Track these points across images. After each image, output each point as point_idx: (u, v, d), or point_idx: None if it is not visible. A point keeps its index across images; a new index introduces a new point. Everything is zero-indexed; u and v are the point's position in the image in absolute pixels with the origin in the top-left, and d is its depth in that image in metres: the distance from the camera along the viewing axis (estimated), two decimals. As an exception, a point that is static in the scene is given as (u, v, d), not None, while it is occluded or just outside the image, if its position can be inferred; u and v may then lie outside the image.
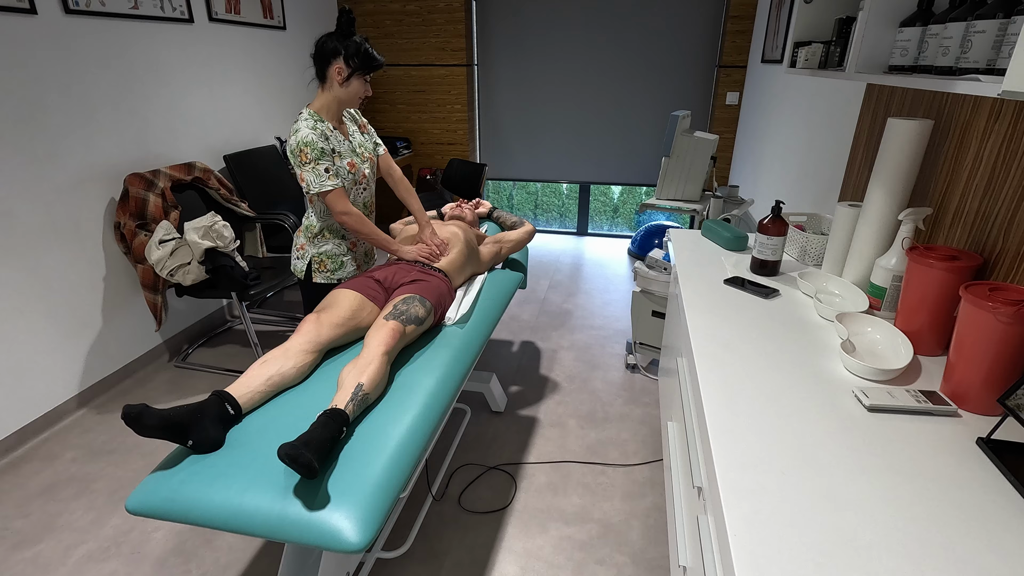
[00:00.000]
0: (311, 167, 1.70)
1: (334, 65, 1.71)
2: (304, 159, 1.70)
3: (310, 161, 1.70)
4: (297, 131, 1.70)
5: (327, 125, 1.77)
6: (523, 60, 4.18)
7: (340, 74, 1.71)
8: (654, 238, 4.04)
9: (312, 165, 1.70)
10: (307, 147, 1.69)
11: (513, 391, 2.49)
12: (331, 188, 1.73)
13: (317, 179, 1.72)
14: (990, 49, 0.94)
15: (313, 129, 1.71)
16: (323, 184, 1.72)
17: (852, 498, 0.79)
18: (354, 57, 1.70)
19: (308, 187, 1.72)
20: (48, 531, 1.75)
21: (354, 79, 1.74)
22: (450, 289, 1.83)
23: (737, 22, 3.69)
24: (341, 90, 1.74)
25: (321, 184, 1.72)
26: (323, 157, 1.72)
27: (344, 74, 1.72)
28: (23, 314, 2.11)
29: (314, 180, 1.71)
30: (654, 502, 1.86)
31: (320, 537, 1.05)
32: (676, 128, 2.74)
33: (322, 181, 1.72)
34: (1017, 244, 1.06)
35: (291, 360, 1.42)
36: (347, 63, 1.70)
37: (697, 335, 1.24)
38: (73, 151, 2.23)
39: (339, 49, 1.69)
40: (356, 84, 1.75)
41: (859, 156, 1.83)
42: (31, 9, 2.03)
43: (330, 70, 1.72)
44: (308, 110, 1.76)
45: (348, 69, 1.71)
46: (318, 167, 1.71)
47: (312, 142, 1.69)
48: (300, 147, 1.69)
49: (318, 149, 1.70)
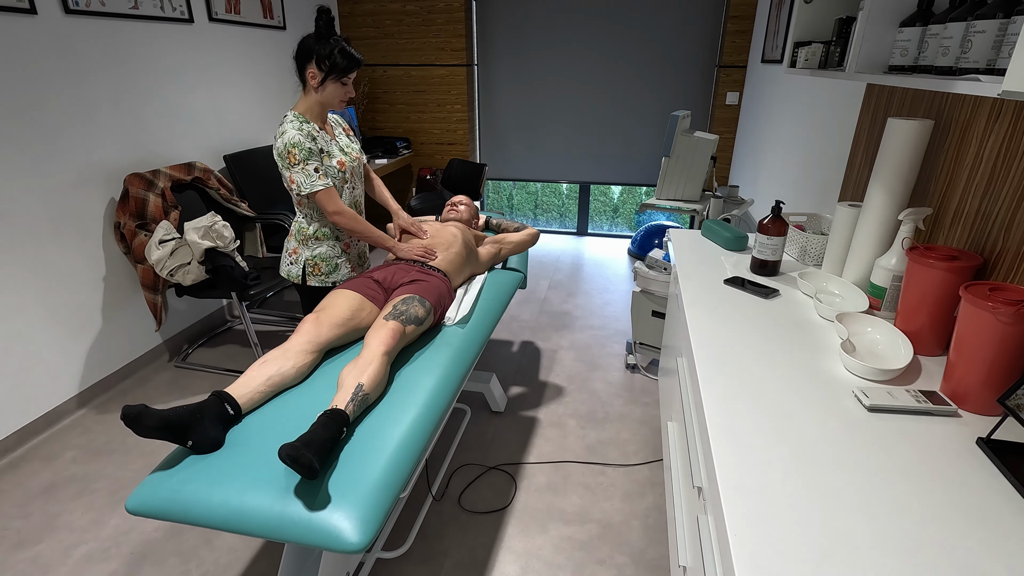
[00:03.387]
0: (300, 168, 1.69)
1: (308, 69, 1.69)
2: (293, 160, 1.68)
3: (299, 162, 1.69)
4: (283, 133, 1.68)
5: (312, 126, 1.74)
6: (523, 60, 4.18)
7: (314, 78, 1.69)
8: (654, 238, 4.04)
9: (301, 166, 1.69)
10: (295, 148, 1.67)
11: (513, 391, 2.49)
12: (322, 188, 1.72)
13: (307, 179, 1.70)
14: (990, 49, 0.94)
15: (299, 130, 1.69)
16: (314, 184, 1.71)
17: (852, 498, 0.79)
18: (326, 60, 1.66)
19: (299, 188, 1.71)
20: (48, 531, 1.75)
21: (329, 83, 1.71)
22: (449, 289, 1.83)
23: (737, 22, 3.69)
24: (318, 94, 1.72)
25: (312, 184, 1.71)
26: (312, 157, 1.70)
27: (318, 78, 1.69)
28: (23, 314, 2.11)
29: (304, 181, 1.70)
30: (654, 502, 1.86)
31: (320, 537, 1.05)
32: (676, 128, 2.74)
33: (312, 181, 1.71)
34: (1017, 244, 1.06)
35: (291, 360, 1.42)
36: (319, 66, 1.67)
37: (697, 335, 1.24)
38: (73, 151, 2.23)
39: (312, 52, 1.66)
40: (332, 87, 1.72)
41: (859, 156, 1.83)
42: (31, 9, 2.03)
43: (306, 74, 1.70)
44: (292, 112, 1.74)
45: (321, 73, 1.68)
46: (307, 167, 1.70)
47: (299, 143, 1.68)
48: (288, 148, 1.67)
49: (306, 149, 1.69)
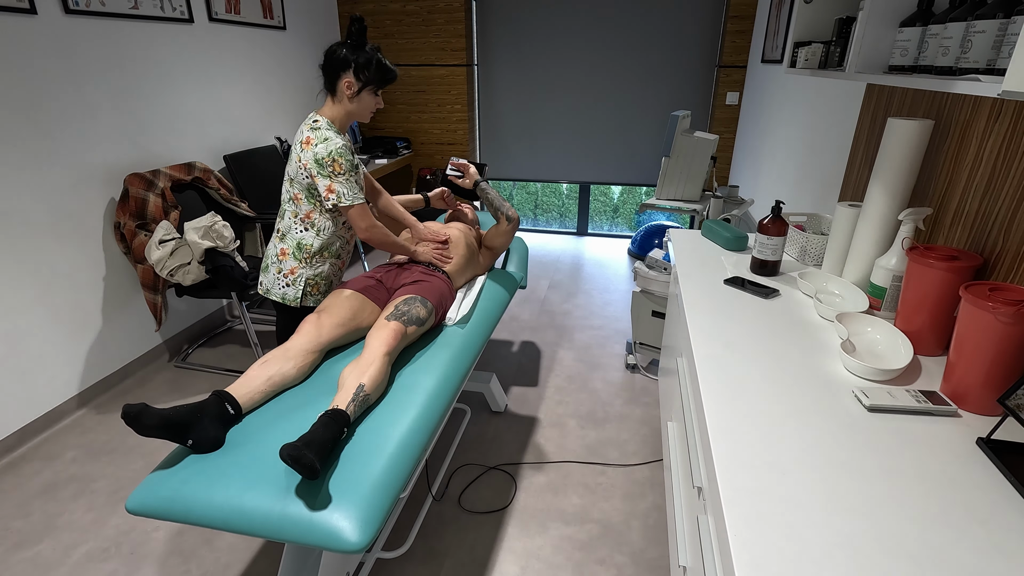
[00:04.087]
0: (344, 178, 1.62)
1: (344, 78, 1.61)
2: (338, 169, 1.60)
3: (344, 172, 1.61)
4: (327, 140, 1.60)
5: (345, 137, 1.69)
6: (523, 60, 4.18)
7: (350, 88, 1.62)
8: (654, 238, 4.04)
9: (346, 176, 1.62)
10: (341, 157, 1.60)
11: (513, 391, 2.49)
12: (361, 202, 1.66)
13: (351, 191, 1.63)
14: (990, 49, 0.94)
15: (344, 140, 1.64)
16: (356, 197, 1.64)
17: (852, 498, 0.79)
18: (365, 70, 1.61)
19: (339, 199, 1.62)
20: (48, 531, 1.75)
21: (365, 93, 1.65)
22: (451, 290, 1.83)
23: (737, 22, 3.69)
24: (352, 104, 1.66)
25: (354, 197, 1.64)
26: (354, 170, 1.64)
27: (354, 88, 1.62)
28: (23, 314, 2.11)
29: (347, 192, 1.62)
30: (654, 502, 1.86)
31: (320, 537, 1.05)
32: (676, 128, 2.74)
33: (355, 194, 1.64)
34: (1017, 244, 1.06)
35: (291, 360, 1.42)
36: (357, 76, 1.61)
37: (697, 335, 1.24)
38: (73, 151, 2.23)
39: (349, 61, 1.59)
40: (367, 98, 1.66)
41: (859, 156, 1.83)
42: (31, 9, 2.03)
43: (340, 83, 1.62)
44: (324, 119, 1.65)
45: (359, 83, 1.62)
46: (351, 179, 1.63)
47: (345, 153, 1.61)
48: (334, 157, 1.59)
49: (350, 161, 1.63)
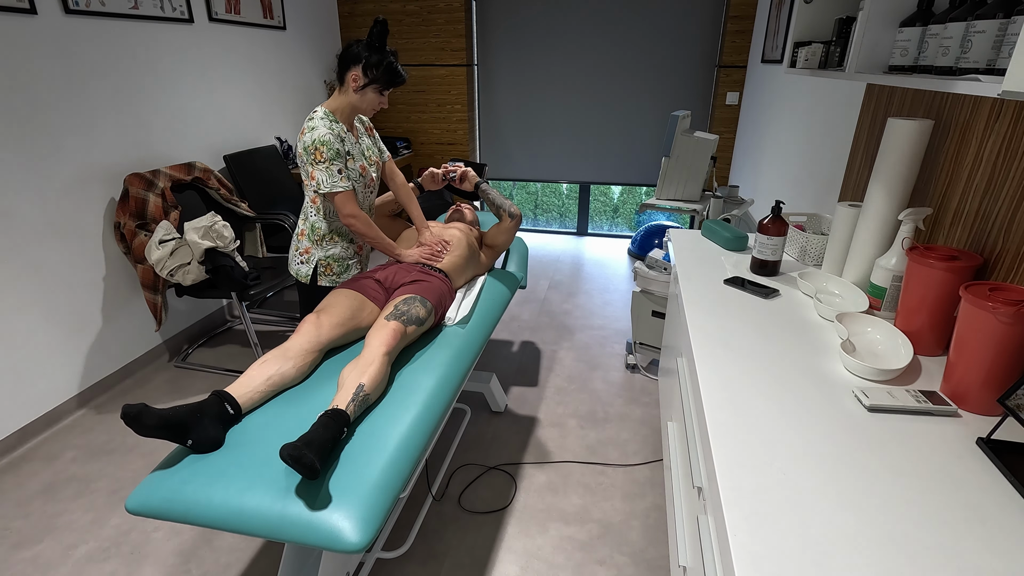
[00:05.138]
0: (325, 166, 1.69)
1: (352, 71, 1.69)
2: (319, 157, 1.68)
3: (325, 160, 1.69)
4: (313, 128, 1.68)
5: (341, 127, 1.76)
6: (523, 60, 4.18)
7: (356, 81, 1.70)
8: (654, 238, 4.04)
9: (326, 164, 1.69)
10: (323, 146, 1.67)
11: (513, 391, 2.49)
12: (342, 190, 1.72)
13: (329, 179, 1.70)
14: (990, 49, 0.94)
15: (330, 129, 1.70)
16: (335, 185, 1.71)
17: (852, 498, 0.79)
18: (374, 68, 1.68)
19: (319, 186, 1.71)
20: (48, 531, 1.75)
21: (369, 90, 1.72)
22: (451, 290, 1.83)
23: (737, 22, 3.69)
24: (355, 97, 1.73)
25: (333, 184, 1.71)
26: (337, 158, 1.71)
27: (360, 82, 1.70)
28: (23, 314, 2.11)
29: (326, 179, 1.70)
30: (654, 502, 1.86)
31: (320, 537, 1.05)
32: (676, 128, 2.74)
33: (334, 181, 1.71)
34: (1017, 244, 1.06)
35: (291, 360, 1.42)
36: (365, 72, 1.69)
37: (697, 335, 1.24)
38: (73, 151, 2.23)
39: (360, 57, 1.68)
40: (371, 95, 1.74)
41: (859, 156, 1.83)
42: (31, 9, 2.03)
43: (348, 75, 1.70)
44: (323, 109, 1.74)
45: (365, 79, 1.70)
46: (332, 167, 1.70)
47: (329, 142, 1.68)
48: (316, 145, 1.67)
49: (334, 149, 1.69)
